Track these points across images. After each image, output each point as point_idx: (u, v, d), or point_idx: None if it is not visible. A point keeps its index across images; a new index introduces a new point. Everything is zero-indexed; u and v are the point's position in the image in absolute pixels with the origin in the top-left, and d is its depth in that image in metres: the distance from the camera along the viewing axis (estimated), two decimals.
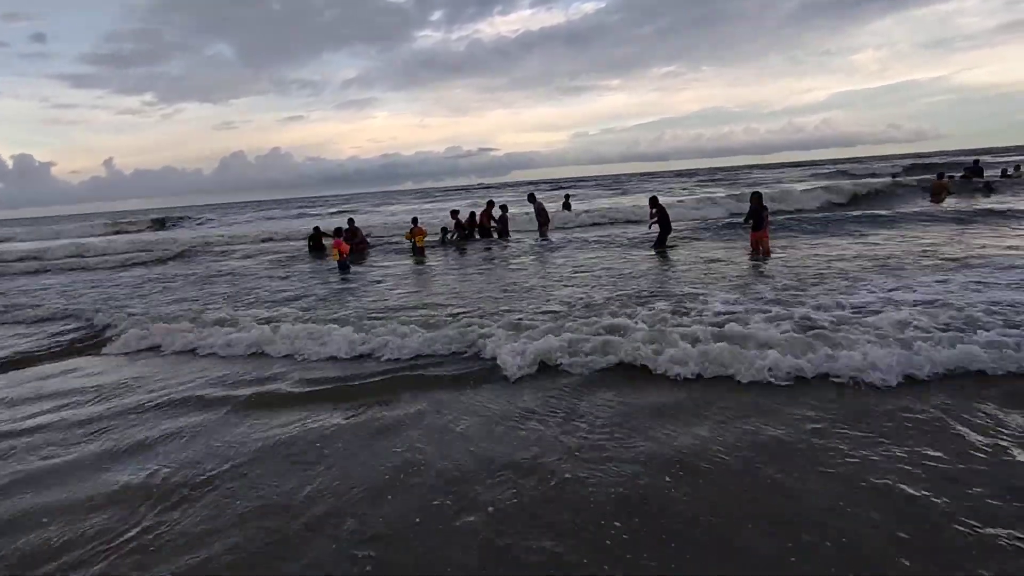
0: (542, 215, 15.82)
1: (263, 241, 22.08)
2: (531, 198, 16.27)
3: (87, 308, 9.75)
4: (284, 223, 33.88)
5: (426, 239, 14.76)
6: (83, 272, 17.12)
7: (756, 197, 10.23)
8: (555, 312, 6.97)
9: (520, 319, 6.56)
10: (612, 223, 18.95)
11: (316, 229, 16.99)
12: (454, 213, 16.14)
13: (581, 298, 7.72)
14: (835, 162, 72.19)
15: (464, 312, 7.34)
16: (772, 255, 10.14)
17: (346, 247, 12.34)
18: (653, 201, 12.40)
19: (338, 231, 13.47)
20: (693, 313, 6.34)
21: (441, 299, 8.47)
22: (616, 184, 55.77)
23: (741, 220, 11.78)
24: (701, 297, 7.17)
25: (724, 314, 6.21)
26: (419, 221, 15.66)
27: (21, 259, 21.69)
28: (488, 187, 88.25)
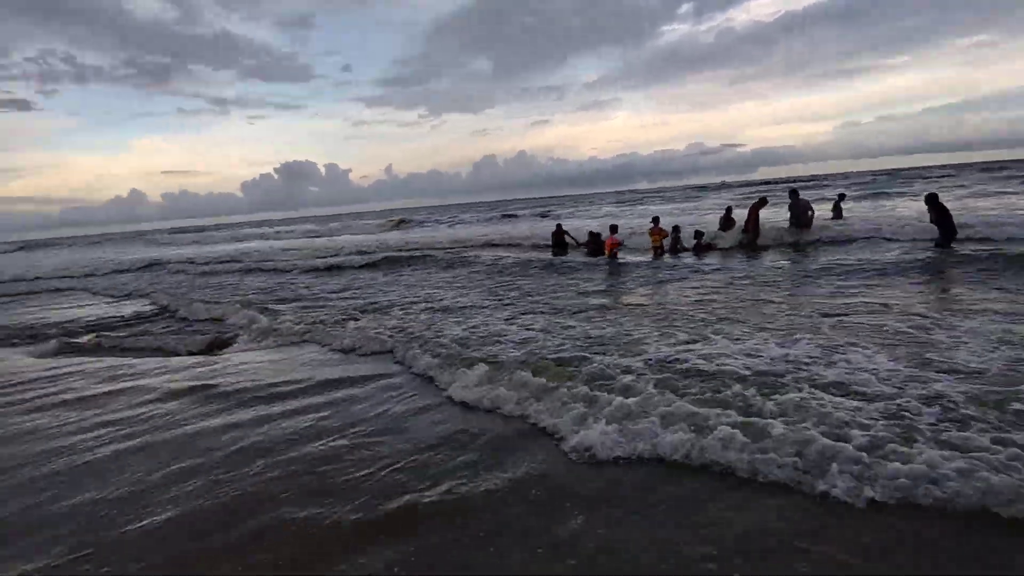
0: (803, 218, 13.29)
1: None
2: (793, 193, 14.08)
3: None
4: (490, 227, 31.18)
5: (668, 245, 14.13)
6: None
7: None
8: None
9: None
10: (887, 239, 12.72)
11: (559, 227, 17.15)
12: (613, 229, 14.46)
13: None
14: None
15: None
16: None
17: (617, 242, 14.05)
18: (935, 200, 10.93)
19: (613, 228, 14.46)
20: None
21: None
22: (897, 181, 45.86)
23: None
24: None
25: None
26: (659, 221, 14.74)
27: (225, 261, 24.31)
28: (730, 186, 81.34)
